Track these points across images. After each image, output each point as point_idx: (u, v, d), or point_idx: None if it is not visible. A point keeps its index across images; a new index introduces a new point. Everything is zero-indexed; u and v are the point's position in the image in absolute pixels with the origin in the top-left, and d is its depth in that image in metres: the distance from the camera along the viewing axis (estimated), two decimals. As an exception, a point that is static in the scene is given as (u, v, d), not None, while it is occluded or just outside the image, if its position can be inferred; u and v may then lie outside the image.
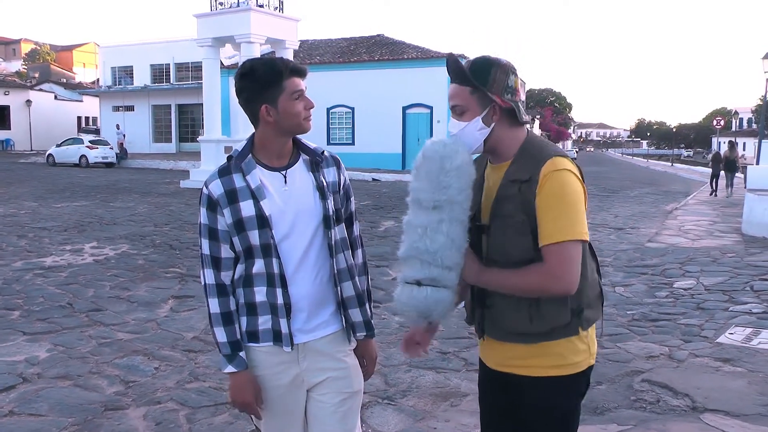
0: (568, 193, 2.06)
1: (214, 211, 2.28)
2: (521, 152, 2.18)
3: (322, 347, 2.37)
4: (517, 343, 2.19)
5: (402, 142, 33.69)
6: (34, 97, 49.42)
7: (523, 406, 2.25)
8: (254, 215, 2.24)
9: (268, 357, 2.33)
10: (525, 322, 2.14)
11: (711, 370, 5.35)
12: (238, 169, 2.28)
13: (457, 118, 2.21)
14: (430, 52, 34.17)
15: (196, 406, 4.54)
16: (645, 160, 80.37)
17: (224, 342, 2.30)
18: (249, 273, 2.29)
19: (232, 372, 2.32)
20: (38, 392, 4.76)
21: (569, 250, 2.04)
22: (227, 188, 2.26)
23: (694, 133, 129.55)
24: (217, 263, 2.30)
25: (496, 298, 2.20)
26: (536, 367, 2.18)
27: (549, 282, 2.05)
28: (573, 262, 2.05)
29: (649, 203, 20.80)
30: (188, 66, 42.78)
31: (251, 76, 2.25)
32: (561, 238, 2.03)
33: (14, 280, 8.33)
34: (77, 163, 33.40)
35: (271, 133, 2.29)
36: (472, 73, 2.16)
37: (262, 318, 2.30)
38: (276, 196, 2.28)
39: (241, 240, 2.26)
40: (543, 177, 2.06)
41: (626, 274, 9.27)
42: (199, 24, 25.18)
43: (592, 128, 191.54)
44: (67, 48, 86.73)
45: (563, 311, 2.12)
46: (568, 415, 2.25)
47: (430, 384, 5.03)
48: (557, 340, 2.15)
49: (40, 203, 16.95)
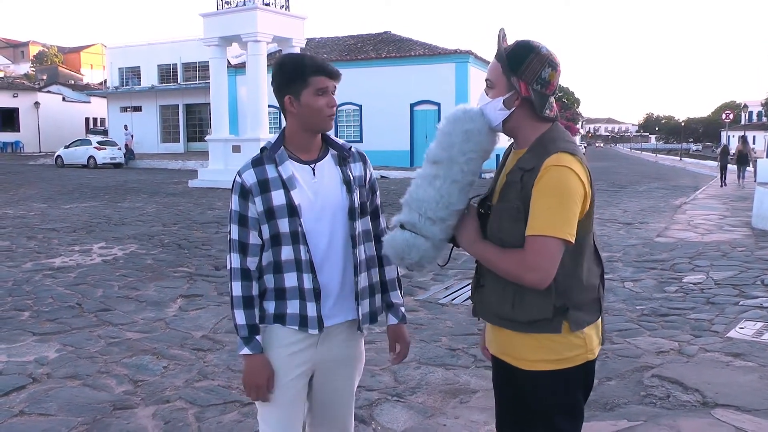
0: (562, 191, 2.04)
1: (246, 199, 2.38)
2: (536, 142, 2.17)
3: (338, 333, 2.49)
4: (502, 327, 2.23)
5: (410, 139, 33.66)
6: (42, 99, 49.66)
7: (521, 397, 2.26)
8: (284, 204, 2.35)
9: (291, 335, 2.43)
10: (507, 307, 2.17)
11: (722, 365, 5.32)
12: (271, 160, 2.40)
13: (486, 91, 2.25)
14: (437, 48, 34.13)
15: (204, 404, 4.55)
16: (653, 155, 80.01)
17: (243, 324, 2.40)
18: (278, 260, 2.40)
19: (247, 354, 2.41)
20: (48, 392, 4.77)
21: (548, 246, 2.03)
22: (260, 178, 2.37)
23: (703, 127, 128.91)
24: (244, 248, 2.40)
25: (488, 279, 2.25)
26: (528, 360, 2.19)
27: (521, 270, 2.07)
28: (549, 258, 2.04)
29: (657, 198, 20.71)
30: (195, 66, 42.86)
31: (281, 68, 2.39)
32: (543, 232, 2.03)
33: (24, 281, 8.36)
34: (85, 164, 33.55)
35: (297, 126, 2.41)
36: (508, 55, 2.17)
37: (291, 303, 2.41)
38: (305, 187, 2.40)
39: (270, 227, 2.37)
40: (543, 168, 2.06)
41: (635, 269, 9.22)
42: (205, 23, 25.20)
43: (601, 123, 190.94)
44: (74, 50, 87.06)
45: (545, 305, 2.11)
46: (565, 411, 2.23)
47: (440, 381, 5.02)
48: (542, 334, 2.14)
49: (49, 204, 17.02)
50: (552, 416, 2.22)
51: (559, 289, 2.10)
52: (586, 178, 2.10)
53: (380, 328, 6.36)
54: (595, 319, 2.22)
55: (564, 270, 2.09)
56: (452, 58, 32.94)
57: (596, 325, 2.24)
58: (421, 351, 5.66)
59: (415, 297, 7.64)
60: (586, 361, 2.21)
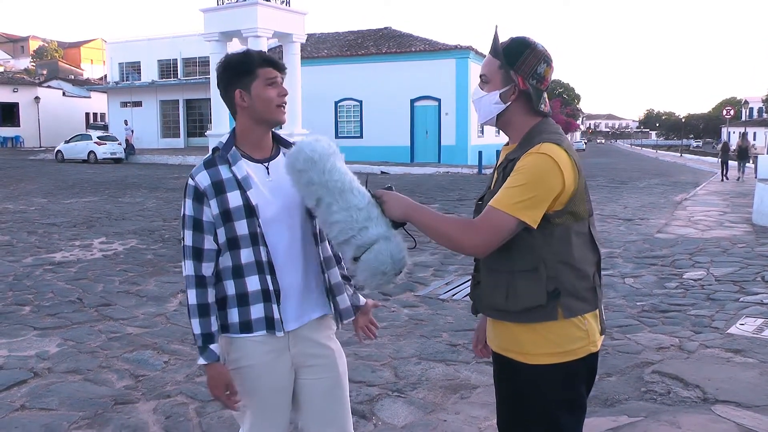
0: (533, 174, 2.06)
1: (201, 203, 2.33)
2: (526, 136, 2.21)
3: (309, 333, 2.45)
4: (501, 320, 2.24)
5: (410, 135, 33.65)
6: (42, 94, 49.63)
7: (523, 393, 2.25)
8: (242, 205, 2.31)
9: (260, 346, 2.38)
10: (501, 298, 2.18)
11: (722, 361, 5.32)
12: (224, 161, 2.36)
13: (481, 86, 2.27)
14: (437, 44, 34.11)
15: (205, 399, 4.54)
16: (654, 151, 80.00)
17: (198, 334, 2.35)
18: (238, 263, 2.35)
19: (203, 364, 2.36)
20: (49, 387, 4.78)
21: (500, 220, 2.06)
22: (214, 179, 2.33)
23: (704, 123, 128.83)
24: (198, 254, 2.35)
25: (482, 274, 2.27)
26: (531, 354, 2.18)
27: (463, 234, 2.11)
28: (496, 231, 2.07)
29: (658, 194, 20.70)
30: (196, 61, 42.83)
31: (227, 65, 2.38)
32: (500, 207, 2.06)
33: (25, 275, 8.37)
34: (86, 159, 33.50)
35: (249, 122, 2.37)
36: (505, 50, 2.21)
37: (255, 306, 2.35)
38: (261, 187, 2.35)
39: (227, 230, 2.32)
40: (525, 155, 2.11)
41: (635, 265, 9.22)
42: (206, 19, 25.23)
43: (601, 119, 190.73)
44: (74, 45, 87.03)
45: (538, 292, 2.12)
46: (568, 405, 2.23)
47: (440, 376, 5.02)
48: (543, 325, 2.15)
49: (49, 199, 17.02)
50: (554, 411, 2.21)
51: (549, 273, 2.11)
52: (570, 167, 2.11)
53: (380, 324, 6.36)
54: (592, 309, 2.21)
55: (553, 254, 2.11)
56: (453, 53, 32.93)
57: (595, 315, 2.23)
58: (421, 346, 5.67)
59: (415, 293, 7.64)
60: (589, 354, 2.21)
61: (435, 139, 33.18)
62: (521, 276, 2.12)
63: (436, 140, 33.14)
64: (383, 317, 6.59)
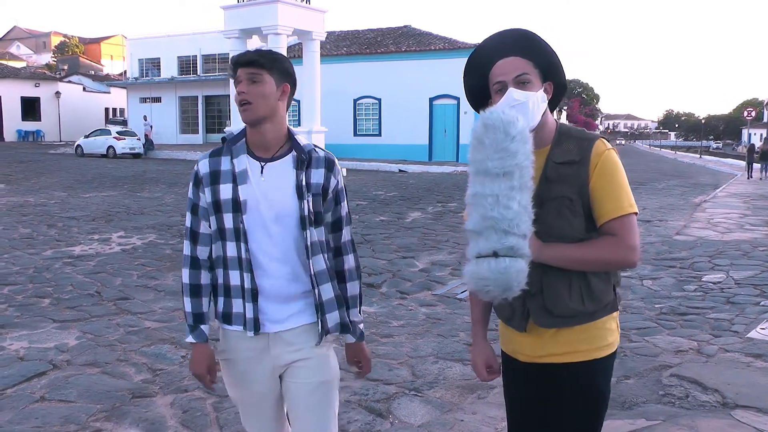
0: (621, 171, 2.15)
1: (198, 188, 2.39)
2: (561, 136, 2.20)
3: (291, 338, 2.40)
4: (567, 327, 2.18)
5: (429, 134, 33.58)
6: (63, 89, 49.97)
7: (563, 393, 2.23)
8: (230, 198, 2.32)
9: (241, 342, 2.42)
10: (577, 301, 2.15)
11: (742, 365, 5.27)
12: (228, 152, 2.37)
13: (520, 87, 2.12)
14: (457, 42, 34.00)
15: (223, 394, 4.54)
16: (673, 152, 79.33)
17: (189, 312, 2.44)
18: (224, 255, 2.37)
19: (191, 342, 2.45)
20: (68, 379, 4.82)
21: (634, 223, 2.12)
22: (212, 169, 2.36)
23: (724, 124, 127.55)
24: (194, 237, 2.42)
25: (551, 280, 2.14)
26: (580, 351, 2.19)
27: (623, 252, 2.11)
28: (638, 234, 2.14)
29: (677, 195, 20.54)
30: (215, 58, 42.96)
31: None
32: (629, 210, 2.11)
33: (44, 268, 8.44)
34: (105, 154, 33.71)
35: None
36: (535, 49, 2.18)
37: (236, 300, 2.39)
38: (254, 185, 2.33)
39: (217, 220, 2.35)
40: (595, 156, 2.12)
41: (654, 267, 9.16)
42: (226, 16, 25.28)
43: (620, 119, 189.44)
44: (95, 40, 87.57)
45: (609, 288, 2.19)
46: (605, 397, 2.26)
47: (457, 376, 5.01)
48: (600, 319, 2.19)
49: (69, 193, 17.16)
50: (594, 405, 2.23)
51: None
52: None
53: (398, 322, 6.37)
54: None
55: None
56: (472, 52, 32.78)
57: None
58: (438, 346, 5.66)
59: (433, 291, 7.63)
60: (618, 347, 2.28)
61: (453, 137, 33.08)
62: (593, 274, 2.15)
63: (454, 139, 33.03)
64: (400, 315, 6.59)
